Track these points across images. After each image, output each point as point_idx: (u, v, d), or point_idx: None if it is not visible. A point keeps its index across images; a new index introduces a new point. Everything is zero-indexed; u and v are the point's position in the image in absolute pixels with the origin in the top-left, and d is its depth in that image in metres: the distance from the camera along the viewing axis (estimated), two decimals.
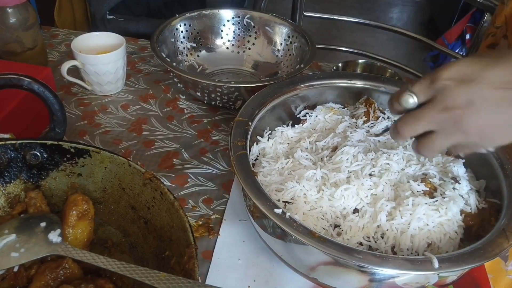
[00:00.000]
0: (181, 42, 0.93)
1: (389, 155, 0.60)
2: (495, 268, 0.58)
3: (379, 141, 0.64)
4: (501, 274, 0.58)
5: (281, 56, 0.94)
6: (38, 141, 0.53)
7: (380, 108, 0.70)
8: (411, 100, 0.48)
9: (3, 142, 0.52)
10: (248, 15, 0.96)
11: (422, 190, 0.56)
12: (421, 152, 0.49)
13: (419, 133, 0.48)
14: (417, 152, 0.50)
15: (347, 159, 0.59)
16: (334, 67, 0.89)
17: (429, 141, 0.48)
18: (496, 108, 0.43)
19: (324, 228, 0.53)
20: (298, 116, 0.71)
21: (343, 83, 0.71)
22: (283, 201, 0.55)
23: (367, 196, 0.56)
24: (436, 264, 0.44)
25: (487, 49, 0.83)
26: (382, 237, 0.53)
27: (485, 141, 0.46)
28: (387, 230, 0.52)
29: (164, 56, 0.83)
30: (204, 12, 0.95)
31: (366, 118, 0.68)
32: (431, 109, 0.46)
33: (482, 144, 0.46)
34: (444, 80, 0.45)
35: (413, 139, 0.51)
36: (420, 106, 0.48)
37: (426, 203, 0.54)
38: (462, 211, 0.55)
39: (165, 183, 0.60)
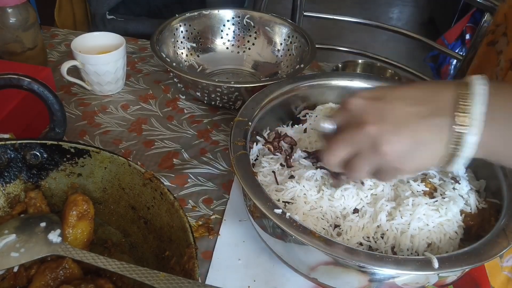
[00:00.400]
0: (181, 42, 0.93)
1: None
2: (491, 264, 0.58)
3: None
4: (496, 270, 0.58)
5: (281, 56, 0.94)
6: (38, 141, 0.53)
7: None
8: (327, 124, 0.48)
9: (3, 142, 0.52)
10: (248, 15, 0.96)
11: (422, 190, 0.56)
12: (349, 177, 0.49)
13: (342, 158, 0.46)
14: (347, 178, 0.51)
15: None
16: (334, 67, 0.89)
17: (351, 163, 0.46)
18: (406, 123, 0.42)
19: (324, 228, 0.53)
20: (298, 116, 0.71)
21: (343, 83, 0.71)
22: (283, 201, 0.55)
23: (367, 196, 0.56)
24: (436, 264, 0.44)
25: (487, 46, 0.83)
26: (382, 237, 0.53)
27: (402, 161, 0.43)
28: (387, 230, 0.52)
29: (164, 56, 0.83)
30: (204, 12, 0.95)
31: None
32: (347, 128, 0.46)
33: (401, 166, 0.44)
34: (356, 100, 0.45)
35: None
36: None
37: (426, 203, 0.54)
38: (462, 211, 0.55)
39: (165, 183, 0.60)
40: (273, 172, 0.59)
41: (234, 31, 0.97)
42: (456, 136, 0.41)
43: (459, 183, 0.57)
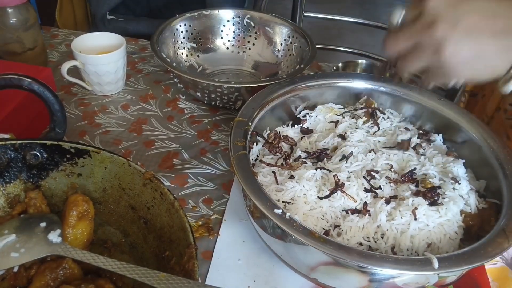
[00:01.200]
0: (181, 42, 0.93)
1: (389, 155, 0.61)
2: (501, 276, 0.58)
3: (379, 141, 0.64)
4: (507, 282, 0.57)
5: (281, 56, 0.94)
6: (38, 141, 0.53)
7: (380, 108, 0.70)
8: (398, 13, 0.50)
9: (3, 142, 0.52)
10: (248, 15, 0.96)
11: (422, 190, 0.56)
12: (399, 68, 0.50)
13: (403, 48, 0.48)
14: (398, 71, 0.51)
15: (347, 159, 0.59)
16: (334, 67, 0.89)
17: (409, 55, 0.48)
18: (477, 35, 0.44)
19: (324, 229, 0.53)
20: (298, 116, 0.71)
21: (343, 83, 0.71)
22: (283, 201, 0.55)
23: (367, 196, 0.56)
24: (436, 264, 0.44)
25: None
26: (382, 237, 0.53)
27: (460, 68, 0.45)
28: (387, 230, 0.52)
29: (164, 56, 0.83)
30: (204, 12, 0.95)
31: (366, 118, 0.68)
32: (416, 23, 0.47)
33: (454, 71, 0.46)
34: (435, 0, 0.46)
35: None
36: None
37: (426, 204, 0.54)
38: (462, 211, 0.55)
39: (165, 183, 0.60)
40: (273, 172, 0.59)
41: (234, 31, 0.97)
42: None
43: (459, 183, 0.57)
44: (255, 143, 0.64)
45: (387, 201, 0.54)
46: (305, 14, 1.19)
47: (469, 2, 0.45)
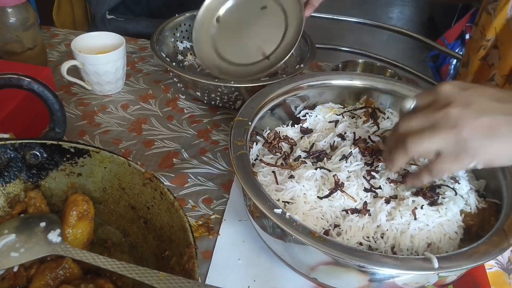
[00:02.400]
0: (181, 42, 0.93)
1: None
2: (497, 280, 0.58)
3: (379, 140, 0.64)
4: (503, 286, 0.57)
5: None
6: (38, 141, 0.53)
7: (380, 108, 0.70)
8: (410, 102, 0.50)
9: (3, 142, 0.52)
10: None
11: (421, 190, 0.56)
12: (407, 148, 0.48)
13: (415, 128, 0.48)
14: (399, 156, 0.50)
15: (347, 159, 0.59)
16: (334, 67, 0.89)
17: (417, 135, 0.47)
18: (488, 113, 0.46)
19: (324, 228, 0.53)
20: (298, 116, 0.71)
21: (343, 83, 0.71)
22: (282, 201, 0.55)
23: (367, 196, 0.56)
24: (436, 264, 0.44)
25: (480, 61, 0.82)
26: (382, 237, 0.52)
27: (475, 144, 0.45)
28: (387, 230, 0.52)
29: (164, 56, 0.83)
30: None
31: (366, 118, 0.68)
32: (429, 107, 0.48)
33: (473, 150, 0.45)
34: (445, 86, 0.49)
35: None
36: None
37: (426, 203, 0.54)
38: (462, 211, 0.55)
39: (165, 183, 0.60)
40: (273, 172, 0.59)
41: None
42: None
43: (459, 183, 0.57)
44: (255, 143, 0.64)
45: (387, 201, 0.54)
46: None
47: (479, 88, 0.48)
